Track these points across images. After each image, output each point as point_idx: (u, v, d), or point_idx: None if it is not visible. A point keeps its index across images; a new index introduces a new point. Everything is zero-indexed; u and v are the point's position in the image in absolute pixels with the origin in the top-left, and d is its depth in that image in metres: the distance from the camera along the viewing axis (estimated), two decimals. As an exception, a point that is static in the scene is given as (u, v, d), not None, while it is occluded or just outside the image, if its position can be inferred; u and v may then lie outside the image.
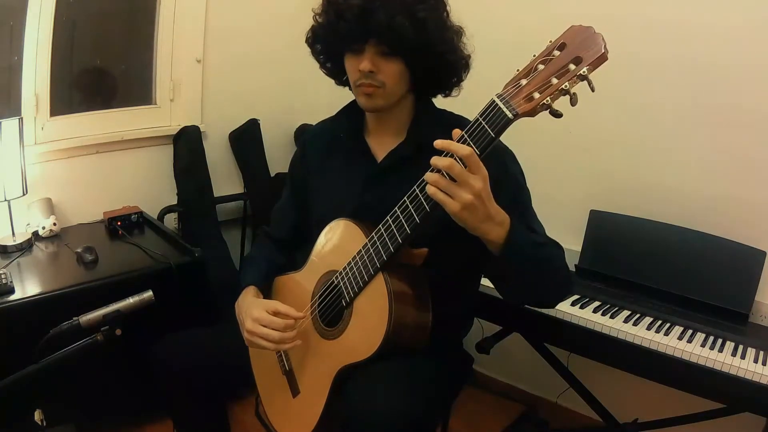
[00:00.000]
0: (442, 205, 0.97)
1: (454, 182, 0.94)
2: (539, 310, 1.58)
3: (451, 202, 0.95)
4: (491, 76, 1.11)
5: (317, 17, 1.23)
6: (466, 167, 0.94)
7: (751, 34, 1.59)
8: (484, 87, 1.03)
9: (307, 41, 1.28)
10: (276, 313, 1.20)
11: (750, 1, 1.60)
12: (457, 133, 0.98)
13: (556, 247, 1.21)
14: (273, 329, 1.17)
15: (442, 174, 0.95)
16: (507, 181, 1.17)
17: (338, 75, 1.30)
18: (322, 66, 1.31)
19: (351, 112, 1.31)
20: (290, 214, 1.46)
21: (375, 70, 1.16)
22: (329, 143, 1.37)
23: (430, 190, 0.97)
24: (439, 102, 1.30)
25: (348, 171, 1.31)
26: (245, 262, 1.51)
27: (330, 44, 1.24)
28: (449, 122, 1.20)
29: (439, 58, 1.18)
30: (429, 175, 0.97)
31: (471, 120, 0.97)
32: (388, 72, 1.16)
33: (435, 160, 0.96)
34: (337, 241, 1.25)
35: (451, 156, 0.95)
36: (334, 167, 1.34)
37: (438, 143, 0.95)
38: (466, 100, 1.25)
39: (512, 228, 1.04)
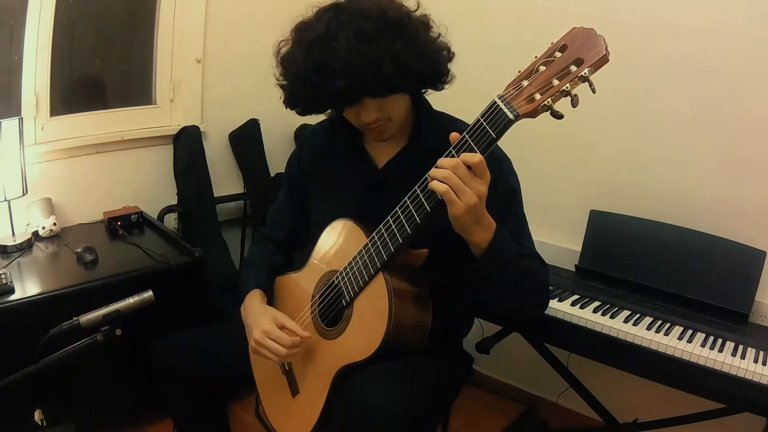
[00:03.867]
0: (448, 204, 0.97)
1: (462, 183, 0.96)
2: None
3: (459, 202, 0.96)
4: (492, 76, 1.11)
5: (289, 87, 1.17)
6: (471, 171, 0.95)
7: (750, 35, 1.59)
8: (486, 88, 1.03)
9: (284, 103, 1.22)
10: (282, 327, 1.20)
11: (751, 1, 1.60)
12: (455, 136, 0.99)
13: (540, 263, 1.23)
14: (280, 345, 1.18)
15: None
16: (501, 190, 1.17)
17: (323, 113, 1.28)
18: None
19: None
20: (287, 215, 1.46)
21: (379, 114, 1.14)
22: (327, 145, 1.36)
23: (441, 188, 0.96)
24: (441, 103, 1.30)
25: (347, 176, 1.30)
26: (245, 265, 1.50)
27: (316, 109, 1.20)
28: (449, 127, 1.19)
29: (431, 74, 1.16)
30: (437, 171, 0.97)
31: (471, 123, 0.97)
32: (391, 107, 1.15)
33: (442, 161, 0.97)
34: (337, 241, 1.25)
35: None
36: (332, 171, 1.34)
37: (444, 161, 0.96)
38: (467, 101, 1.25)
39: (497, 233, 1.06)
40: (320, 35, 1.07)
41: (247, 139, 2.56)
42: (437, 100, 1.29)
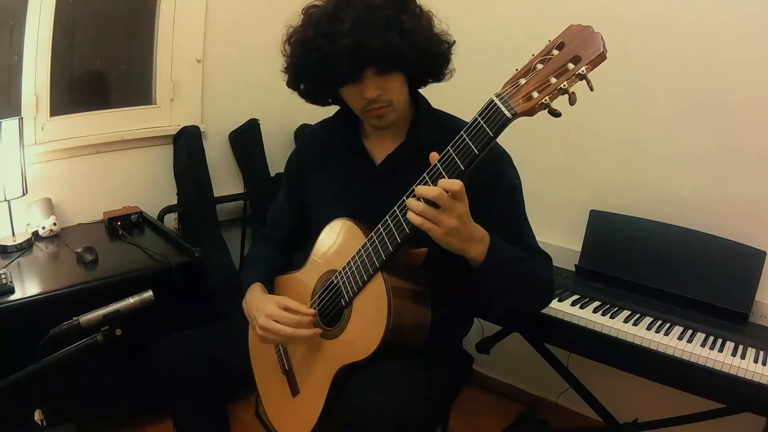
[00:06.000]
0: (428, 232, 1.00)
1: (438, 209, 0.98)
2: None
3: (437, 229, 0.99)
4: (490, 75, 1.11)
5: (295, 60, 1.19)
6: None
7: (750, 34, 1.59)
8: (483, 86, 1.03)
9: (288, 84, 1.24)
10: (286, 309, 1.20)
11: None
12: (434, 156, 1.01)
13: (542, 258, 1.24)
14: (285, 324, 1.18)
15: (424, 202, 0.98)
16: (502, 185, 1.19)
17: (324, 102, 1.29)
18: (306, 99, 1.28)
19: (347, 115, 1.30)
20: (286, 215, 1.46)
21: (381, 93, 1.15)
22: (327, 144, 1.36)
23: (417, 220, 0.99)
24: (439, 101, 1.30)
25: (346, 173, 1.31)
26: (246, 262, 1.51)
27: (319, 83, 1.21)
28: (447, 124, 1.20)
29: (433, 56, 1.18)
30: (413, 204, 1.00)
31: (468, 122, 0.97)
32: (392, 88, 1.15)
33: (422, 191, 0.98)
34: (337, 241, 1.25)
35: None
36: (332, 169, 1.34)
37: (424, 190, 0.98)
38: (465, 100, 1.25)
39: (492, 244, 1.07)
40: (329, 10, 1.11)
41: (247, 139, 2.56)
42: (436, 98, 1.29)
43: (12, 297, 1.63)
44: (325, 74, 1.15)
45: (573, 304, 1.60)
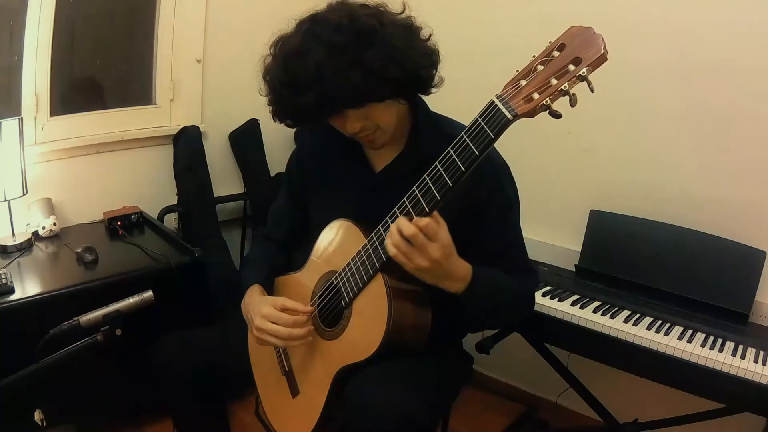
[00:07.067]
0: (400, 264, 1.02)
1: (414, 247, 1.00)
2: (540, 310, 1.59)
3: (408, 264, 1.01)
4: (491, 76, 1.11)
5: (270, 99, 1.16)
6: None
7: (749, 35, 1.59)
8: (484, 88, 1.03)
9: (273, 118, 1.21)
10: (284, 309, 1.20)
11: (750, 1, 1.59)
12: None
13: (525, 279, 1.25)
14: (282, 325, 1.18)
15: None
16: (498, 199, 1.18)
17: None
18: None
19: None
20: (287, 215, 1.46)
21: (365, 123, 1.13)
22: (327, 146, 1.35)
23: (391, 251, 1.02)
24: (439, 104, 1.29)
25: (345, 178, 1.30)
26: (246, 263, 1.50)
27: (300, 123, 1.21)
28: (447, 131, 1.18)
29: (412, 79, 1.11)
30: (392, 232, 1.01)
31: (469, 124, 0.97)
32: (375, 115, 1.12)
33: (400, 224, 1.00)
34: (337, 242, 1.25)
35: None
36: (331, 172, 1.34)
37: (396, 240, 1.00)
38: (466, 102, 1.25)
39: (473, 281, 1.10)
40: (295, 49, 1.07)
41: (247, 139, 2.56)
42: (437, 100, 1.29)
43: (12, 297, 1.63)
44: (302, 117, 1.15)
45: (573, 304, 1.61)
